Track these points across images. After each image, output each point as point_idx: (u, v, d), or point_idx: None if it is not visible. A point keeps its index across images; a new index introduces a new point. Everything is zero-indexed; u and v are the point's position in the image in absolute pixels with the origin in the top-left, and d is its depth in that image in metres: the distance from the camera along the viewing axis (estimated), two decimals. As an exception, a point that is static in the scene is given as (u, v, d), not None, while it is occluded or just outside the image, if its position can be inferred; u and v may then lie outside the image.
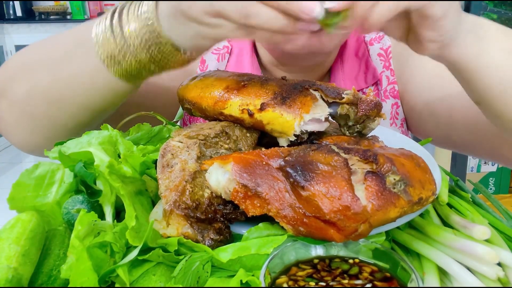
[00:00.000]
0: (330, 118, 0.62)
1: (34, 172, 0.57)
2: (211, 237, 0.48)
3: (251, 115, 0.61)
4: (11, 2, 5.04)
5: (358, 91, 0.83)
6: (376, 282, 0.42)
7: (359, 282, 0.42)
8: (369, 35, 0.94)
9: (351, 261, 0.45)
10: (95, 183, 0.54)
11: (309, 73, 0.89)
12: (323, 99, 0.61)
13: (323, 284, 0.41)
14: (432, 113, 0.85)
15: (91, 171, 0.55)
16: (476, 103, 0.63)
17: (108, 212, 0.53)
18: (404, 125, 0.94)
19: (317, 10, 0.47)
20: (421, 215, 0.57)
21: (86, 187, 0.54)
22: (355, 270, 0.43)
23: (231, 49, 0.96)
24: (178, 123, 0.93)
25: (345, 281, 0.42)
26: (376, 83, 0.92)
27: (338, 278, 0.42)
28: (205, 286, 0.45)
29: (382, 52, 0.92)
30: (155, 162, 0.58)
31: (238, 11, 0.50)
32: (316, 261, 0.45)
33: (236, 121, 0.63)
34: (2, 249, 0.44)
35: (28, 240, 0.46)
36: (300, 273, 0.43)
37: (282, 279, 0.42)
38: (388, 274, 0.43)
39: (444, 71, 0.80)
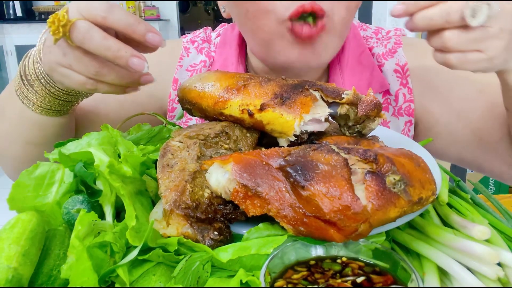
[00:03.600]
0: (330, 118, 0.62)
1: (34, 172, 0.57)
2: (211, 237, 0.48)
3: (251, 115, 0.61)
4: (11, 2, 5.04)
5: None
6: (371, 275, 0.43)
7: (350, 278, 0.42)
8: (378, 48, 0.93)
9: (339, 260, 0.45)
10: (95, 183, 0.54)
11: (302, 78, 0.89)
12: (323, 99, 0.61)
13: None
14: (451, 134, 0.86)
15: (91, 171, 0.55)
16: (506, 108, 0.72)
17: (108, 212, 0.53)
18: None
19: (145, 66, 0.56)
20: (421, 215, 0.57)
21: (86, 187, 0.54)
22: (347, 270, 0.43)
23: (211, 61, 0.95)
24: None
25: (338, 281, 0.42)
26: (387, 97, 0.91)
27: (330, 280, 0.42)
28: (205, 286, 0.45)
29: (399, 68, 0.90)
30: (155, 162, 0.58)
31: (90, 68, 0.59)
32: (312, 262, 0.45)
33: (236, 121, 0.63)
34: (2, 249, 0.44)
35: (28, 240, 0.46)
36: (295, 276, 0.43)
37: (280, 282, 0.42)
38: (377, 268, 0.44)
39: (469, 91, 0.84)
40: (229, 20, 1.05)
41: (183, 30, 5.87)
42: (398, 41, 0.93)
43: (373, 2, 4.14)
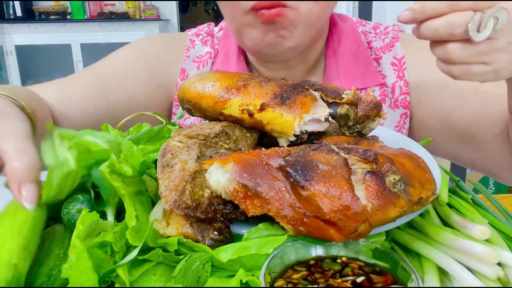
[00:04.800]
0: (330, 118, 0.62)
1: None
2: (211, 237, 0.48)
3: (251, 115, 0.61)
4: (11, 2, 5.04)
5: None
6: (371, 275, 0.43)
7: (350, 278, 0.42)
8: (376, 42, 0.94)
9: (339, 260, 0.45)
10: (105, 194, 0.53)
11: (291, 70, 0.90)
12: (323, 99, 0.61)
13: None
14: (444, 129, 0.87)
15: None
16: (510, 112, 0.71)
17: (110, 212, 0.53)
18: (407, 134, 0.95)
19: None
20: (421, 215, 0.57)
21: (95, 193, 0.53)
22: (347, 270, 0.43)
23: (215, 53, 0.98)
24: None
25: (338, 281, 0.42)
26: (384, 89, 0.92)
27: (330, 280, 0.42)
28: (205, 286, 0.45)
29: (396, 61, 0.92)
30: (155, 162, 0.58)
31: None
32: (312, 262, 0.45)
33: (236, 121, 0.63)
34: (5, 240, 0.44)
35: (30, 230, 0.46)
36: (295, 276, 0.43)
37: (280, 282, 0.42)
38: (377, 268, 0.44)
39: (463, 88, 0.84)
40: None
41: (183, 30, 5.87)
42: (396, 35, 0.95)
43: (373, 2, 4.14)
